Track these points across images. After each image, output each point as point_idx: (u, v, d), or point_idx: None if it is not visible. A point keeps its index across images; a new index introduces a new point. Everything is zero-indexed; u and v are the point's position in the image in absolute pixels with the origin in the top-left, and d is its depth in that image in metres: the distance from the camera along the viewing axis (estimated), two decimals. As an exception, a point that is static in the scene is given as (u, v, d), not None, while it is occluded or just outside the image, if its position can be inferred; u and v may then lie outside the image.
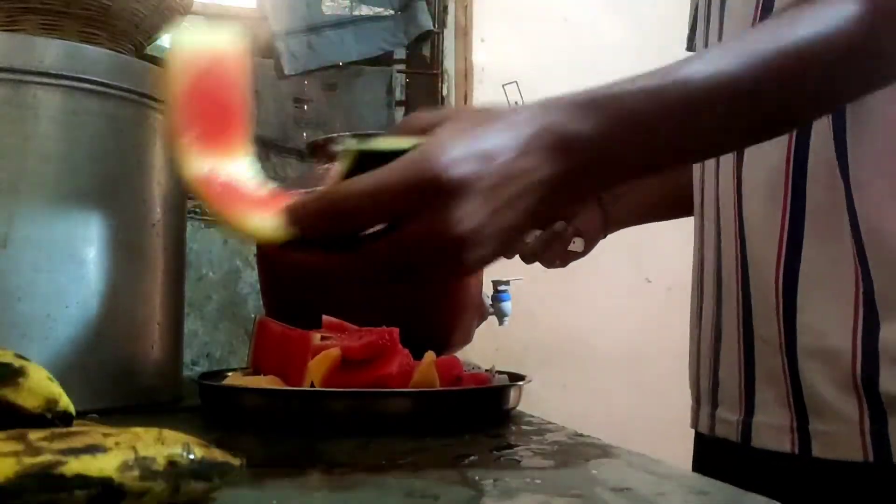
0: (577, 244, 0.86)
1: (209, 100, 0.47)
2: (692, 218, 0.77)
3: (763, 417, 0.64)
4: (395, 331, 0.67)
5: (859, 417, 0.58)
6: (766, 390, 0.64)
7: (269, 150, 2.16)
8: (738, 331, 0.66)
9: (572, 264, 0.89)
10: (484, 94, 2.25)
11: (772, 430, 0.63)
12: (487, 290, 1.71)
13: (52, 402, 0.35)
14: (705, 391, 0.72)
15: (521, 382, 0.72)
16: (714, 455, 0.71)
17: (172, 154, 0.46)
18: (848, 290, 0.59)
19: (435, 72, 2.28)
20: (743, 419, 0.66)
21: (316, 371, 0.65)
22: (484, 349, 1.35)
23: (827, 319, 0.60)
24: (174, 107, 0.46)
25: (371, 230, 0.42)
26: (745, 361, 0.65)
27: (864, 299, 0.59)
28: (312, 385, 0.65)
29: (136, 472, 0.32)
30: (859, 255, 0.59)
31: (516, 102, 2.39)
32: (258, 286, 1.05)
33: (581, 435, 0.60)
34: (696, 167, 0.74)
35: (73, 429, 0.34)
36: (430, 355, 0.68)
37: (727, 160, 0.67)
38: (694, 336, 0.75)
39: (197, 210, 1.77)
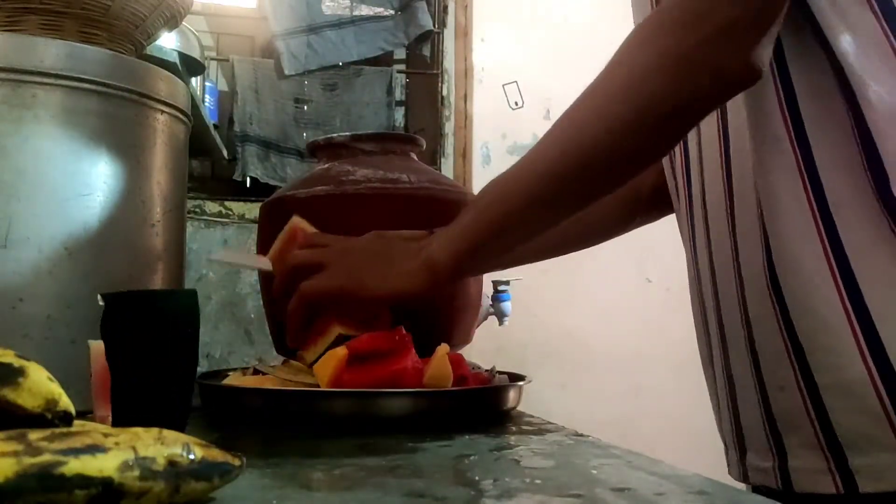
0: None
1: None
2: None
3: (797, 462, 0.62)
4: (407, 334, 0.66)
5: None
6: (792, 435, 0.62)
7: (269, 150, 2.16)
8: (753, 377, 0.64)
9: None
10: (484, 94, 2.24)
11: (809, 473, 0.61)
12: (487, 290, 1.71)
13: (52, 402, 0.35)
14: (729, 436, 0.70)
15: (521, 382, 0.72)
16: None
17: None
18: (843, 319, 0.58)
19: (435, 72, 2.28)
20: (778, 465, 0.64)
21: (322, 370, 0.65)
22: (484, 349, 1.35)
23: (836, 353, 0.58)
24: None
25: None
26: (765, 407, 0.64)
27: (860, 323, 0.57)
28: (313, 385, 0.65)
29: (136, 472, 0.32)
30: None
31: (516, 103, 2.39)
32: (258, 286, 1.05)
33: (581, 435, 0.60)
34: (685, 225, 0.73)
35: (73, 429, 0.34)
36: (443, 348, 0.67)
37: (720, 206, 0.66)
38: (710, 377, 0.73)
39: (197, 210, 1.77)
